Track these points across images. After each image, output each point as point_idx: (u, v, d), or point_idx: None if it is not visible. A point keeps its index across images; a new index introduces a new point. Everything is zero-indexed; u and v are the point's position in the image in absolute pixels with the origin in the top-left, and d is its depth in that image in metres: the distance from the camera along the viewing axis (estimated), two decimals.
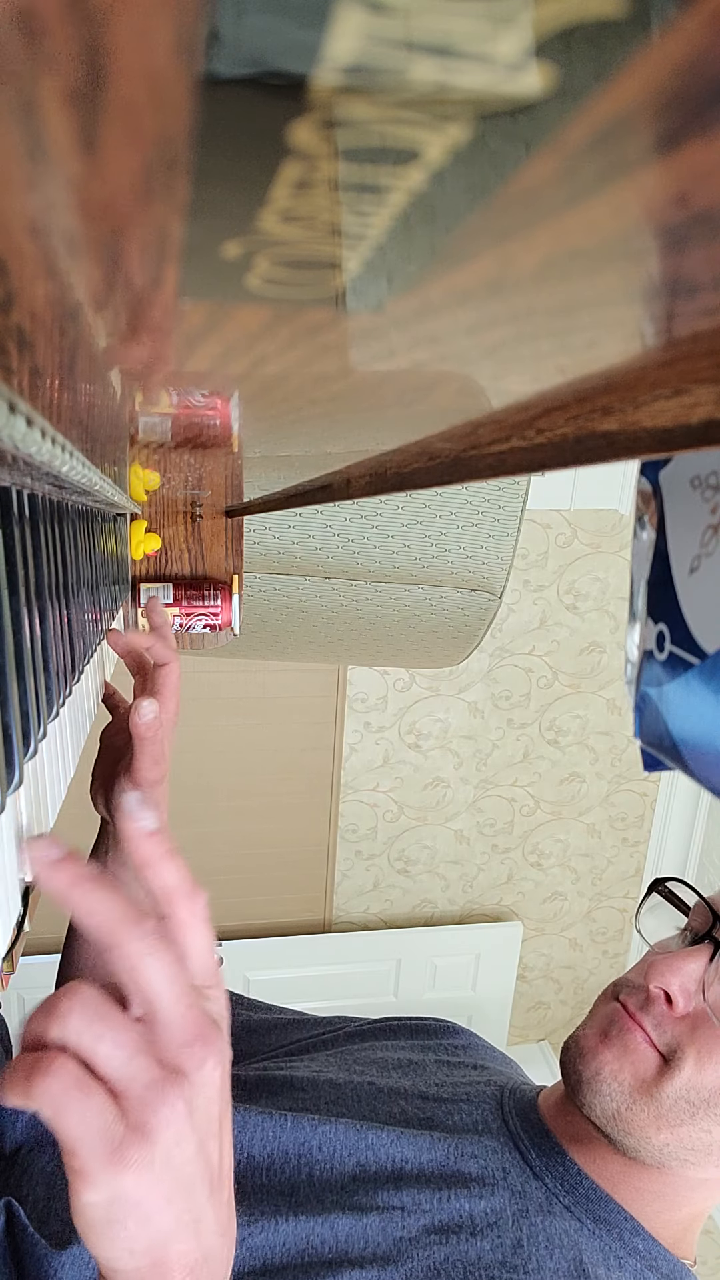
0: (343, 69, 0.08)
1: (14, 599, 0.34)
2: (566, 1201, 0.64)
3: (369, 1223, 0.60)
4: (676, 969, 0.65)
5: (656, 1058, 0.64)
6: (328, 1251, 0.59)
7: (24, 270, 0.14)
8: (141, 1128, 0.35)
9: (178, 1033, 0.36)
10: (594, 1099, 0.65)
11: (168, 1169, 0.36)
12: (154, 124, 0.09)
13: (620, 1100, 0.64)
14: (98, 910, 0.36)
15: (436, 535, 1.18)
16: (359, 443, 0.47)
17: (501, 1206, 0.63)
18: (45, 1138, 0.67)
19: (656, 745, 0.44)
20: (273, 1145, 0.66)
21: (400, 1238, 0.60)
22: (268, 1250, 0.59)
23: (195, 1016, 0.37)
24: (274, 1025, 0.89)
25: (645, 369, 0.22)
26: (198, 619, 1.07)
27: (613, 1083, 0.64)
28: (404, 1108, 0.72)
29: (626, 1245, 0.63)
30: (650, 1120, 0.63)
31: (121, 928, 0.36)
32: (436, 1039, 0.86)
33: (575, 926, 2.99)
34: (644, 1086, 0.63)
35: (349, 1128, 0.67)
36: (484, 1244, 0.60)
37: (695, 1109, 0.62)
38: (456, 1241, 0.60)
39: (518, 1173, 0.66)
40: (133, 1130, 0.35)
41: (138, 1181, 0.35)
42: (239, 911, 2.64)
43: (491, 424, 0.33)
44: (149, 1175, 0.35)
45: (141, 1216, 0.36)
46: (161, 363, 0.25)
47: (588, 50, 0.08)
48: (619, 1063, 0.65)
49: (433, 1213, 0.62)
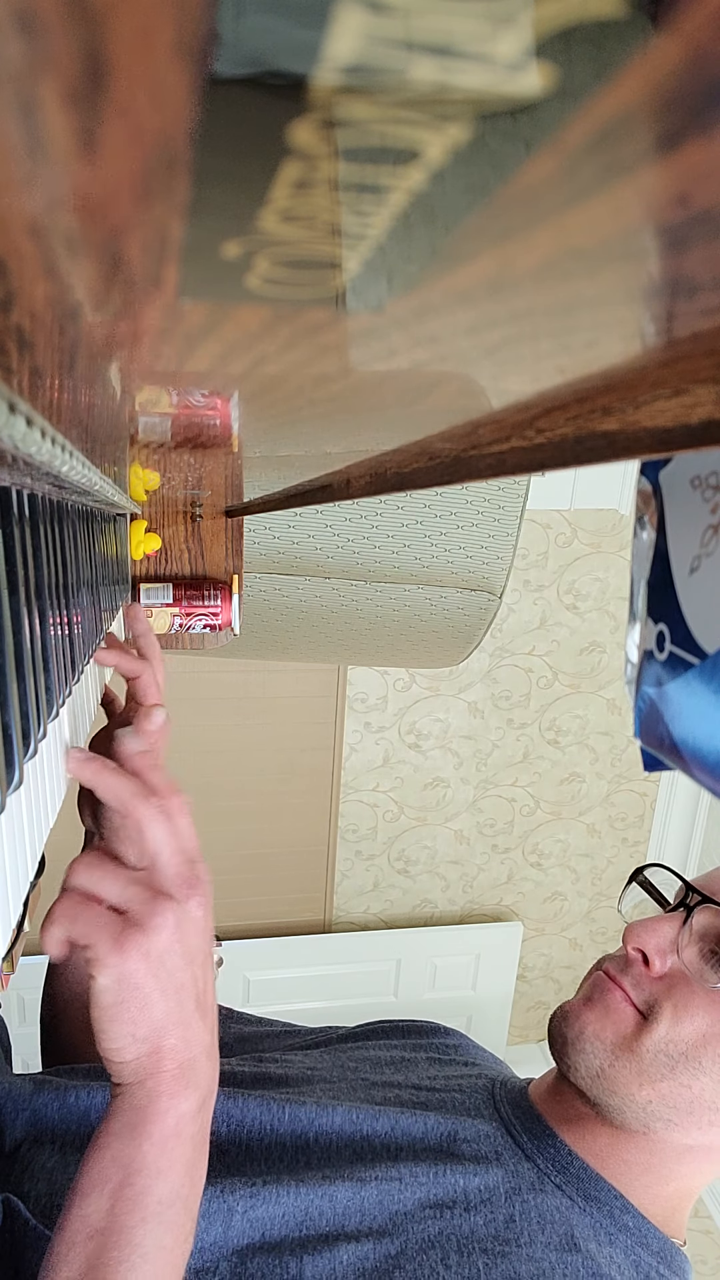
0: (343, 69, 0.08)
1: (14, 599, 0.34)
2: (558, 1180, 0.66)
3: (367, 1194, 0.62)
4: (653, 930, 0.68)
5: (635, 1015, 0.66)
6: (325, 1224, 0.60)
7: (24, 270, 0.14)
8: (139, 923, 0.46)
9: (171, 873, 0.48)
10: (578, 1058, 0.67)
11: (162, 966, 0.46)
12: (154, 124, 0.09)
13: (603, 1057, 0.66)
14: (118, 787, 0.50)
15: (436, 535, 1.18)
16: (359, 443, 0.47)
17: (495, 1184, 0.64)
18: (46, 1134, 0.67)
19: (656, 745, 0.44)
20: (270, 1132, 0.67)
21: (396, 1210, 0.61)
22: (268, 1222, 0.60)
23: (185, 864, 0.49)
24: (265, 1035, 0.90)
25: (645, 369, 0.22)
26: (198, 619, 1.07)
27: (595, 1041, 0.67)
28: (398, 1095, 0.73)
29: (617, 1222, 0.64)
30: (633, 1076, 0.65)
31: (134, 800, 0.50)
32: (427, 1039, 0.87)
33: (575, 926, 2.99)
34: (625, 1042, 0.66)
35: (346, 1113, 0.68)
36: (477, 1219, 0.61)
37: (674, 1062, 0.64)
38: (451, 1216, 0.61)
39: (510, 1154, 0.67)
40: (132, 924, 0.46)
41: (137, 966, 0.45)
42: (239, 911, 2.64)
43: (491, 424, 0.33)
44: (146, 964, 0.46)
45: (141, 1000, 0.46)
46: (161, 363, 0.25)
47: (588, 50, 0.08)
48: (600, 1022, 0.67)
49: (428, 1186, 0.63)
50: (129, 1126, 0.47)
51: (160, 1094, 0.47)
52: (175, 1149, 0.47)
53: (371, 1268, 0.57)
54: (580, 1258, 0.59)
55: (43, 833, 0.44)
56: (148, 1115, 0.47)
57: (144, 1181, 0.46)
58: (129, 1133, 0.47)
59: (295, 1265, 0.57)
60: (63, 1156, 0.65)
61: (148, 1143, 0.46)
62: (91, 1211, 0.45)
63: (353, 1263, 0.57)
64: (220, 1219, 0.59)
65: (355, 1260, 0.58)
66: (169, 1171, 0.46)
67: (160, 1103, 0.47)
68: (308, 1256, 0.58)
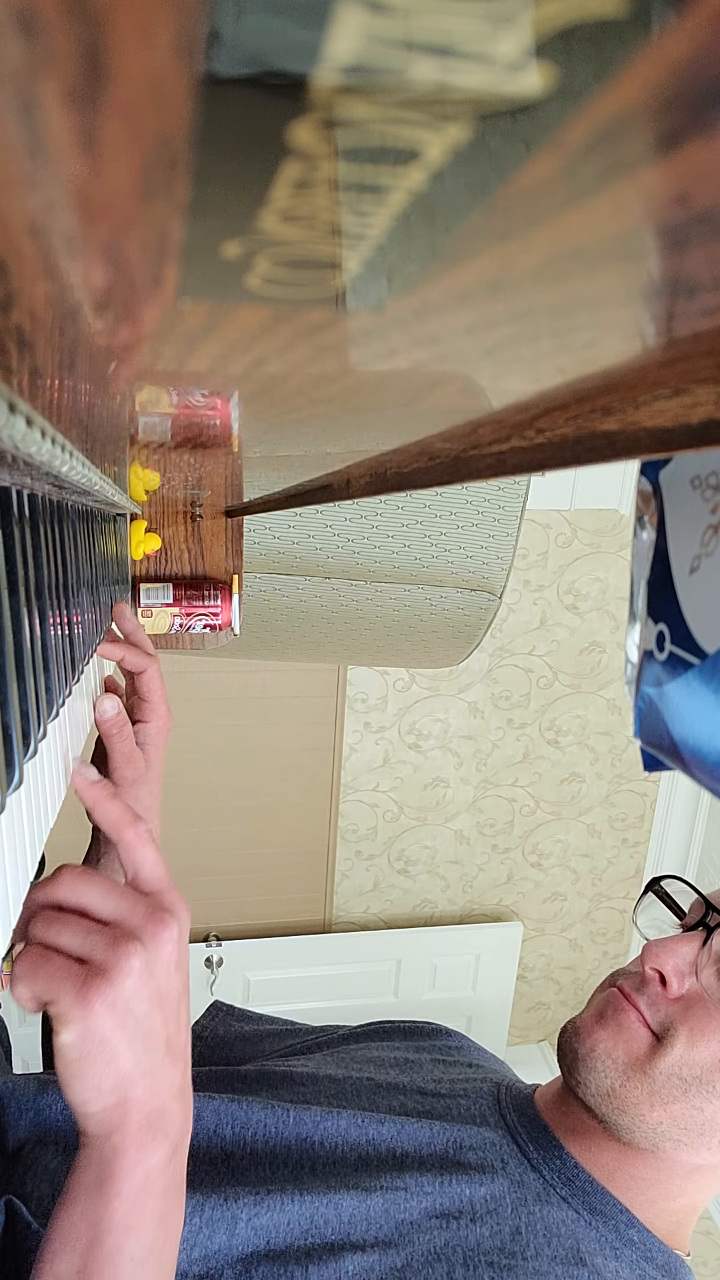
0: (343, 69, 0.08)
1: (14, 599, 0.34)
2: (563, 1193, 0.65)
3: (373, 1203, 0.61)
4: (671, 951, 0.67)
5: (649, 1036, 0.65)
6: (331, 1233, 0.59)
7: (24, 270, 0.14)
8: (103, 971, 0.43)
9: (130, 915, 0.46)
10: (589, 1075, 0.66)
11: (129, 1014, 0.44)
12: (154, 124, 0.09)
13: (614, 1076, 0.65)
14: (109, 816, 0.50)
15: (436, 535, 1.18)
16: (359, 443, 0.47)
17: (501, 1194, 0.63)
18: (49, 1135, 0.67)
19: (656, 745, 0.44)
20: (275, 1138, 0.67)
21: (402, 1220, 0.60)
22: (272, 1230, 0.59)
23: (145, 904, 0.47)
24: (266, 1034, 0.89)
25: (645, 369, 0.22)
26: (198, 619, 1.07)
27: (606, 1060, 0.66)
28: (403, 1101, 0.72)
29: (622, 1236, 0.64)
30: (644, 1097, 0.64)
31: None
32: (430, 1040, 0.87)
33: (575, 927, 2.99)
34: (637, 1063, 0.65)
35: (351, 1119, 0.68)
36: (483, 1230, 0.60)
37: (687, 1085, 0.63)
38: (457, 1227, 0.60)
39: (515, 1163, 0.67)
40: (95, 973, 0.43)
41: (103, 1019, 0.43)
42: (239, 911, 2.64)
43: (491, 424, 0.33)
44: (112, 1015, 0.43)
45: (107, 1054, 0.43)
46: (161, 363, 0.25)
47: (588, 50, 0.08)
48: (613, 1040, 0.66)
49: (434, 1196, 0.62)
50: (97, 1182, 0.44)
51: (128, 1148, 0.44)
52: (146, 1204, 0.45)
53: (377, 1279, 0.57)
54: (586, 1272, 0.59)
55: (43, 833, 0.44)
56: (115, 1171, 0.44)
57: (115, 1240, 0.44)
58: (97, 1188, 0.44)
59: (300, 1274, 0.57)
60: (66, 1158, 0.65)
61: (116, 1200, 0.44)
62: (64, 1271, 0.43)
63: (358, 1273, 0.57)
64: (224, 1226, 0.59)
65: (360, 1270, 0.57)
66: (140, 1228, 0.44)
67: (128, 1157, 0.44)
68: (313, 1266, 0.57)
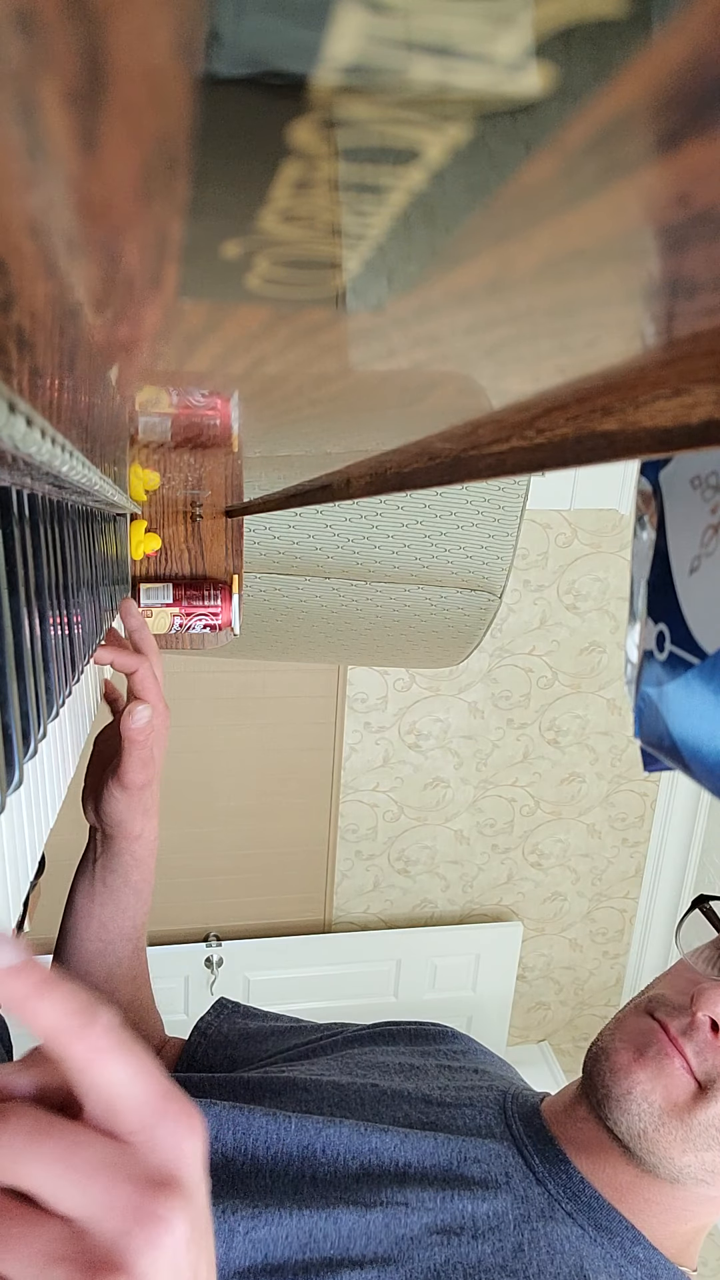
0: (343, 69, 0.08)
1: (14, 599, 0.34)
2: (569, 1208, 0.64)
3: (373, 1219, 0.60)
4: None
5: (693, 1084, 0.63)
6: (330, 1248, 0.59)
7: (24, 270, 0.14)
8: None
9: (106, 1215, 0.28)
10: (621, 1116, 0.64)
11: None
12: (154, 124, 0.09)
13: (649, 1121, 0.63)
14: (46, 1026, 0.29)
15: (436, 535, 1.18)
16: (359, 443, 0.47)
17: (504, 1210, 0.62)
18: None
19: (656, 745, 0.44)
20: (276, 1145, 0.66)
21: (402, 1236, 0.59)
22: (270, 1244, 0.59)
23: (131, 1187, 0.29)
24: (271, 1032, 0.88)
25: (645, 369, 0.22)
26: (198, 619, 1.07)
27: (643, 1103, 0.64)
28: (408, 1111, 0.71)
29: (628, 1254, 0.63)
30: (676, 1142, 0.63)
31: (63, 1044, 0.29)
32: (436, 1044, 0.86)
33: (575, 927, 2.99)
34: (675, 1110, 0.63)
35: (353, 1129, 0.67)
36: (485, 1247, 0.59)
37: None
38: (458, 1243, 0.59)
39: (520, 1177, 0.65)
40: None
41: None
42: (239, 911, 2.64)
43: (491, 424, 0.33)
44: None
45: None
46: (161, 363, 0.25)
47: (588, 50, 0.08)
48: (652, 1083, 0.64)
49: (436, 1211, 0.61)
50: None
51: None
52: None
53: None
54: None
55: (43, 833, 0.44)
56: None
57: None
58: None
59: None
60: None
61: None
62: None
63: None
64: (221, 1240, 0.58)
65: None
66: None
67: None
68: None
